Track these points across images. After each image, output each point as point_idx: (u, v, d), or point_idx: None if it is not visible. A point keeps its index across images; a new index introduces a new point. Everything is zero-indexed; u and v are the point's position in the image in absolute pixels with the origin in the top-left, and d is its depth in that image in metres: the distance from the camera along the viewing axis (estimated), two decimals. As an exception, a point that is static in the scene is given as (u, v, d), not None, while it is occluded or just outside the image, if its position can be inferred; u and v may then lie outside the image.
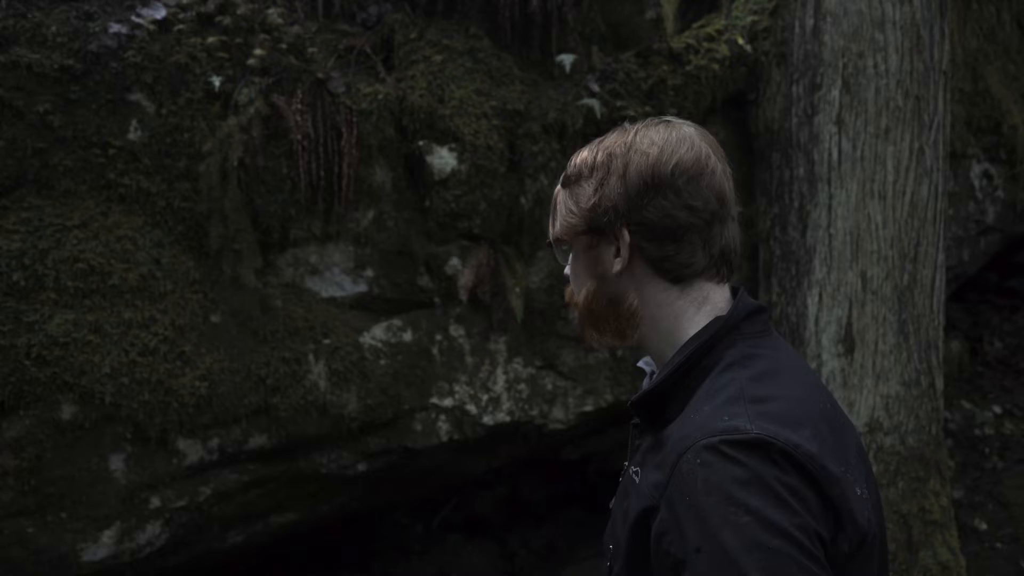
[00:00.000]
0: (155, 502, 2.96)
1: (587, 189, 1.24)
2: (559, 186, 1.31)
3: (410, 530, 5.08)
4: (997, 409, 4.54)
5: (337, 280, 3.24)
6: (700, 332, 1.18)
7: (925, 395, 3.28)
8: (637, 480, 1.16)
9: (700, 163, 1.20)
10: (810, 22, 3.34)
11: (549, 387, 3.59)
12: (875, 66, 3.21)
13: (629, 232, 1.20)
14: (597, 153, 1.26)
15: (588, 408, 3.68)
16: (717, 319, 1.20)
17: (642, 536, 1.10)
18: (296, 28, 3.14)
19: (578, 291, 1.28)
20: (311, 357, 3.12)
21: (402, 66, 3.30)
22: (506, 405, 3.46)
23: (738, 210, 1.33)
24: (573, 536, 4.87)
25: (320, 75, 3.12)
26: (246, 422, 3.02)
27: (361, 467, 3.33)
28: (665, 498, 1.06)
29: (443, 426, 3.36)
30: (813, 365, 3.28)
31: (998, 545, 3.99)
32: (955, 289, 4.93)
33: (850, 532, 1.04)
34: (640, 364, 1.43)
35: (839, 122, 3.27)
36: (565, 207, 1.27)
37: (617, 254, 1.22)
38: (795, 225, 3.38)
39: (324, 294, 3.22)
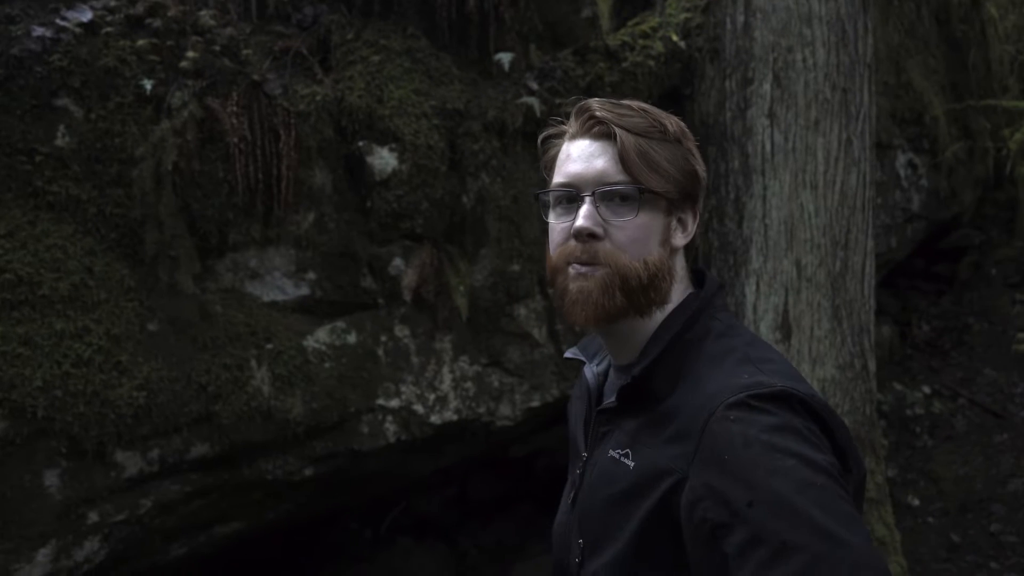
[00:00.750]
0: (93, 517, 2.87)
1: (687, 154, 1.21)
2: (639, 135, 1.17)
3: (358, 536, 5.04)
4: (927, 389, 4.72)
5: (278, 284, 3.20)
6: (682, 307, 1.21)
7: (859, 378, 3.40)
8: (629, 462, 1.14)
9: None
10: (741, 18, 3.42)
11: (495, 384, 3.60)
12: (804, 60, 3.31)
13: (699, 212, 1.24)
14: (668, 120, 1.22)
15: (535, 404, 3.70)
16: (693, 294, 1.23)
17: (663, 512, 1.07)
18: (229, 30, 3.09)
19: (639, 255, 1.16)
20: (253, 363, 3.06)
21: (339, 67, 3.27)
22: (453, 404, 3.46)
23: None
24: (523, 533, 4.89)
25: (256, 77, 3.07)
26: (187, 431, 2.96)
27: (308, 472, 3.29)
28: (695, 466, 1.05)
29: (390, 427, 3.34)
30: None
31: (930, 520, 4.14)
32: (884, 275, 5.11)
33: (854, 473, 1.08)
34: (569, 354, 1.42)
35: (771, 115, 3.35)
36: (666, 160, 1.17)
37: (680, 227, 1.22)
38: (731, 216, 3.46)
39: (265, 298, 3.17)
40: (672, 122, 1.21)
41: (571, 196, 1.21)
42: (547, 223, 1.27)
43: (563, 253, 1.21)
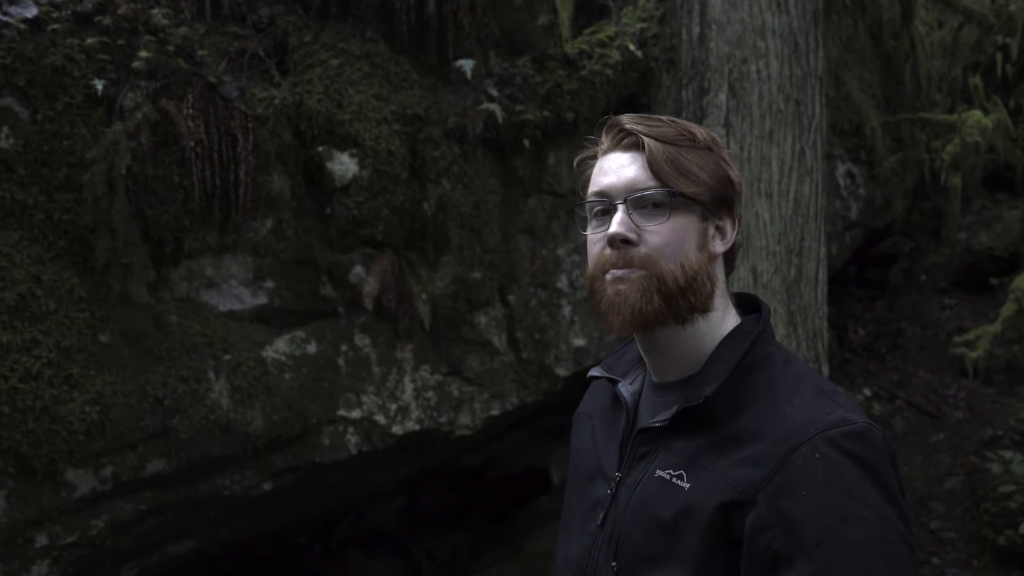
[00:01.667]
0: (42, 540, 2.73)
1: (720, 161, 1.20)
2: (667, 143, 1.17)
3: (307, 550, 4.92)
4: (867, 392, 4.88)
5: (235, 292, 3.10)
6: (743, 331, 1.20)
7: (813, 382, 3.47)
8: (683, 483, 1.12)
9: None
10: (696, 29, 3.48)
11: (456, 393, 3.56)
12: (758, 72, 3.38)
13: (737, 220, 1.22)
14: (697, 129, 1.22)
15: (495, 412, 3.68)
16: (753, 318, 1.23)
17: (722, 535, 1.06)
18: (183, 29, 2.99)
19: (676, 259, 1.16)
20: (211, 374, 2.96)
21: (297, 70, 3.20)
22: (415, 414, 3.41)
23: None
24: (477, 543, 4.86)
25: (212, 79, 2.98)
26: (143, 447, 2.84)
27: (266, 487, 3.20)
28: (768, 493, 1.04)
29: (352, 438, 3.27)
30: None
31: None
32: (824, 282, 5.25)
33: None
34: (596, 372, 1.39)
35: (727, 125, 3.41)
36: (697, 167, 1.17)
37: (717, 234, 1.21)
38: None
39: (222, 308, 3.07)
40: (701, 131, 1.22)
41: (605, 208, 1.21)
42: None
43: (599, 262, 1.20)
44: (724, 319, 1.23)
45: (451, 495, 5.17)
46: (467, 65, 3.33)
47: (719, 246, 1.21)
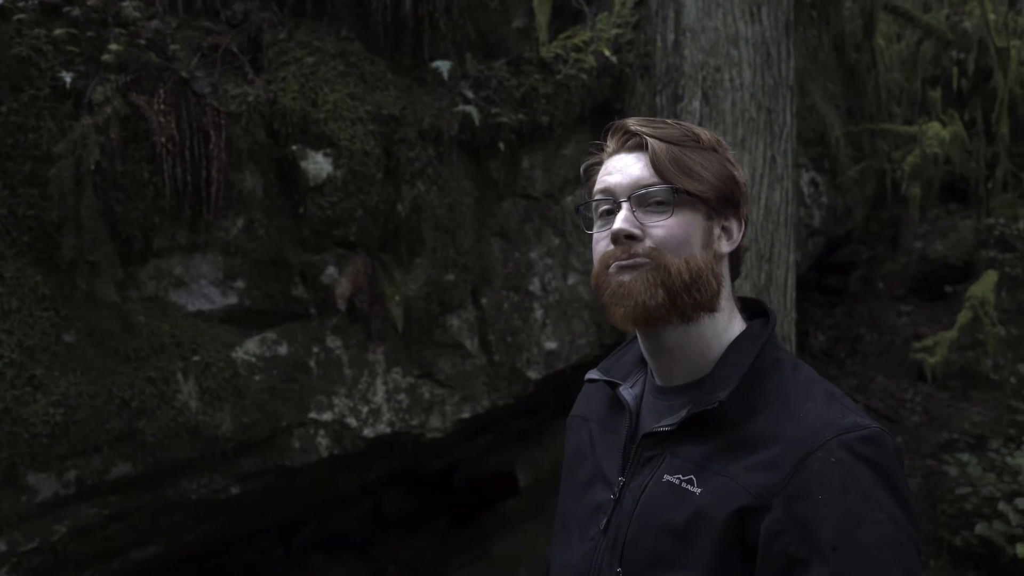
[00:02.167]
0: (1, 546, 2.63)
1: (725, 162, 1.21)
2: (671, 143, 1.19)
3: (269, 555, 4.84)
4: (828, 397, 4.95)
5: (205, 292, 3.04)
6: (752, 335, 1.20)
7: (780, 386, 3.53)
8: (694, 488, 1.12)
9: None
10: (671, 37, 3.52)
11: (427, 396, 3.54)
12: (731, 80, 3.43)
13: (744, 221, 1.23)
14: (701, 131, 1.23)
15: (465, 415, 3.66)
16: (762, 322, 1.23)
17: (736, 539, 1.06)
18: (155, 23, 2.92)
19: (681, 255, 1.16)
20: (180, 376, 2.90)
21: (272, 67, 3.15)
22: (386, 416, 3.38)
23: None
24: (442, 547, 4.83)
25: (184, 74, 2.91)
26: (108, 450, 2.76)
27: (234, 490, 3.14)
28: (783, 497, 1.04)
29: (323, 441, 3.23)
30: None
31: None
32: (787, 288, 5.34)
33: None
34: (595, 375, 1.38)
35: (700, 132, 3.45)
36: (700, 166, 1.18)
37: (723, 234, 1.21)
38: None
39: (191, 308, 3.01)
40: (706, 133, 1.24)
41: (610, 207, 1.22)
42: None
43: (604, 258, 1.21)
44: (731, 322, 1.23)
45: (415, 499, 5.13)
46: (443, 66, 3.31)
47: (725, 246, 1.22)
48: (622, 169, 1.21)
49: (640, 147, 1.21)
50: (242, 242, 3.07)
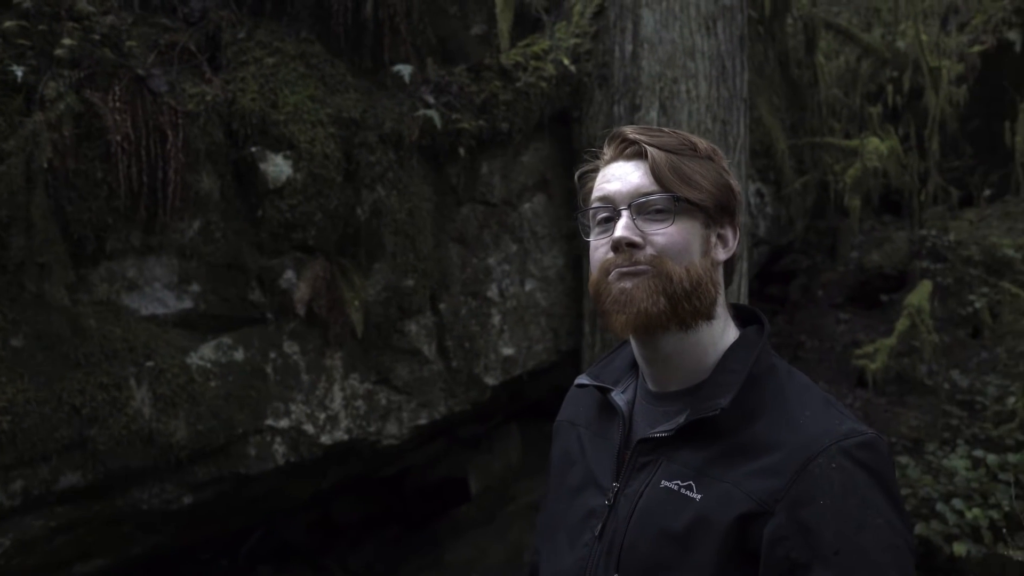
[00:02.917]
0: (-60, 561, 2.51)
1: (721, 171, 1.22)
2: (670, 152, 1.20)
3: (213, 565, 4.72)
4: (772, 402, 5.07)
5: (159, 296, 2.96)
6: (748, 342, 1.21)
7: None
8: (693, 494, 1.12)
9: None
10: (629, 47, 3.57)
11: (384, 402, 3.51)
12: (687, 91, 3.51)
13: (739, 230, 1.24)
14: (698, 140, 1.23)
15: (422, 421, 3.64)
16: (756, 328, 1.25)
17: (737, 545, 1.07)
18: (110, 18, 2.84)
19: (681, 262, 1.17)
20: (133, 382, 2.81)
21: (231, 67, 3.09)
22: (344, 423, 3.34)
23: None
24: (393, 555, 4.78)
25: (140, 71, 2.84)
26: (57, 459, 2.66)
27: (187, 500, 3.06)
28: (785, 503, 1.05)
29: (279, 448, 3.17)
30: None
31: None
32: (732, 296, 5.46)
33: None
34: (585, 381, 1.37)
35: (657, 142, 3.51)
36: (698, 175, 1.19)
37: (719, 241, 1.22)
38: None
39: (144, 311, 2.92)
40: (702, 142, 1.25)
41: (609, 214, 1.22)
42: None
43: (603, 266, 1.20)
44: (725, 329, 1.24)
45: (365, 506, 5.07)
46: (405, 70, 3.30)
47: (721, 254, 1.22)
48: (621, 177, 1.22)
49: (639, 155, 1.22)
50: (198, 245, 3.00)
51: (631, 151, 1.23)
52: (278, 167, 3.09)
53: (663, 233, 1.17)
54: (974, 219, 6.44)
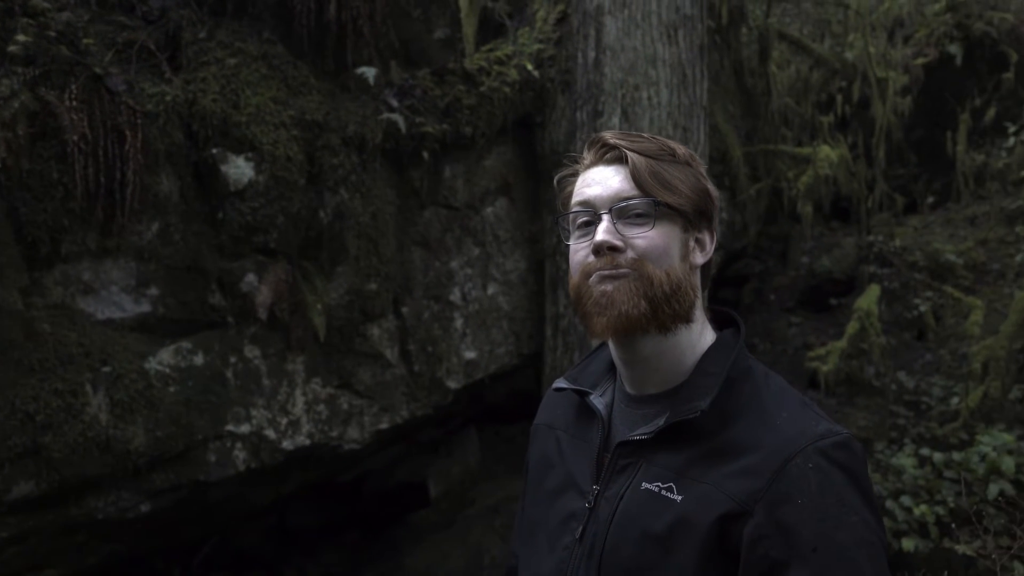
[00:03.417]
0: None
1: (699, 176, 1.24)
2: (650, 157, 1.21)
3: (167, 575, 4.62)
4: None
5: (116, 300, 2.89)
6: (725, 345, 1.23)
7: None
8: (674, 496, 1.13)
9: None
10: (592, 54, 3.61)
11: (345, 407, 3.48)
12: (649, 98, 3.56)
13: (715, 234, 1.25)
14: (676, 145, 1.24)
15: (384, 426, 3.62)
16: (732, 331, 1.26)
17: (718, 546, 1.08)
18: (66, 15, 2.77)
19: (661, 266, 1.18)
20: (89, 387, 2.74)
21: (191, 67, 3.04)
22: (306, 428, 3.30)
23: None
24: (352, 561, 4.73)
25: (97, 70, 2.77)
26: (9, 467, 2.58)
27: (144, 508, 2.99)
28: (764, 503, 1.07)
29: (240, 454, 3.12)
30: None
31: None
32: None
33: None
34: (564, 385, 1.37)
35: (619, 148, 3.55)
36: (677, 179, 1.20)
37: (697, 246, 1.23)
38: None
39: (100, 316, 2.85)
40: (681, 147, 1.27)
41: (589, 218, 1.22)
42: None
43: (584, 269, 1.21)
44: (703, 332, 1.25)
45: (322, 512, 5.02)
46: (370, 73, 3.28)
47: (699, 258, 1.24)
48: (601, 181, 1.22)
49: (619, 160, 1.23)
50: (156, 247, 2.94)
51: (611, 156, 1.24)
52: (239, 169, 3.04)
53: (644, 237, 1.18)
54: (918, 225, 6.64)
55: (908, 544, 3.83)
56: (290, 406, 3.25)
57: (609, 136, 1.26)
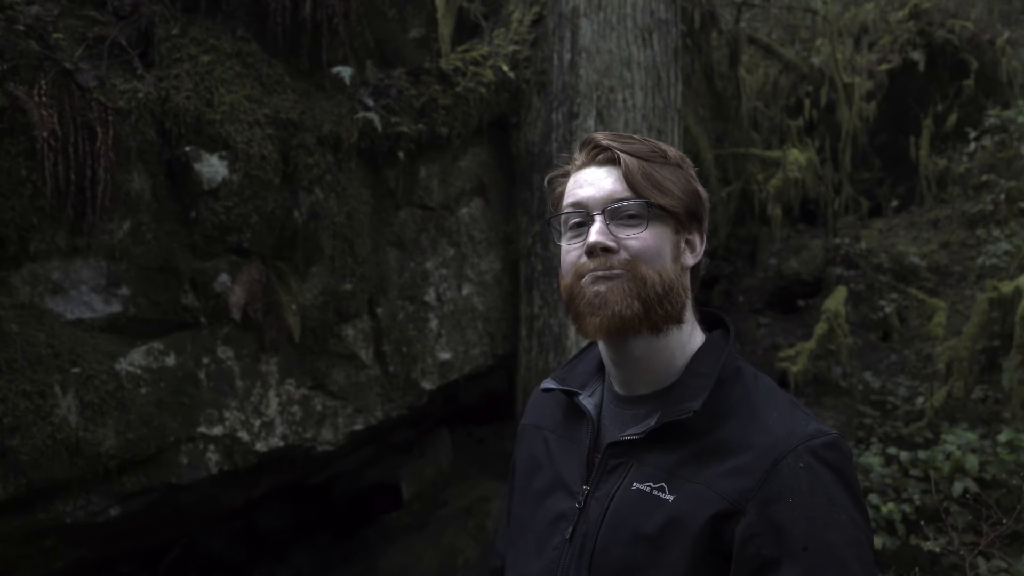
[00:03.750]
0: None
1: (689, 178, 1.24)
2: (642, 159, 1.22)
3: (132, 580, 4.54)
4: (698, 404, 5.21)
5: (85, 299, 2.84)
6: (715, 346, 1.24)
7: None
8: (666, 496, 1.14)
9: None
10: (567, 56, 3.62)
11: (319, 408, 3.45)
12: (624, 101, 3.58)
13: (705, 236, 1.25)
14: (668, 148, 1.25)
15: (358, 427, 3.60)
16: (722, 332, 1.27)
17: (709, 544, 1.09)
18: (35, 8, 2.71)
19: (654, 267, 1.19)
20: (58, 389, 2.69)
21: (164, 64, 2.99)
22: (280, 429, 3.27)
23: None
24: (323, 564, 4.70)
25: (68, 65, 2.72)
26: (-25, 471, 2.52)
27: (114, 511, 2.94)
28: (756, 502, 1.08)
29: (212, 457, 3.08)
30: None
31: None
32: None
33: None
34: (552, 386, 1.36)
35: (594, 149, 3.57)
36: (668, 181, 1.21)
37: (688, 247, 1.23)
38: (556, 243, 3.63)
39: (69, 316, 2.80)
40: (672, 149, 1.27)
41: (582, 219, 1.23)
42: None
43: (577, 270, 1.21)
44: (693, 333, 1.25)
45: (292, 515, 4.97)
46: (345, 72, 3.26)
47: (690, 259, 1.24)
48: (594, 183, 1.23)
49: (611, 161, 1.23)
50: (128, 247, 2.89)
51: (603, 157, 1.24)
52: (213, 168, 3.00)
53: (637, 238, 1.19)
54: (883, 228, 6.76)
55: (876, 541, 3.90)
56: (264, 407, 3.22)
57: (601, 137, 1.26)
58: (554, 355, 3.65)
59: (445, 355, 3.79)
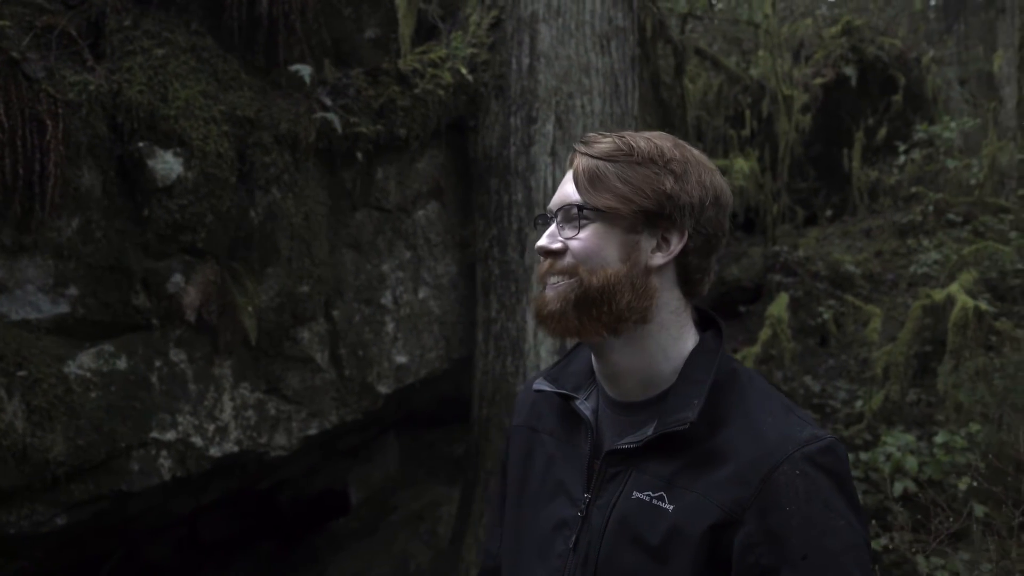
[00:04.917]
0: None
1: (659, 175, 1.18)
2: (598, 159, 1.19)
3: (66, 593, 4.35)
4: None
5: (32, 299, 2.72)
6: (708, 348, 1.21)
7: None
8: (665, 505, 1.13)
9: (728, 193, 1.26)
10: (526, 61, 3.64)
11: (273, 412, 3.38)
12: (582, 106, 3.61)
13: (688, 235, 1.19)
14: (665, 146, 1.21)
15: (312, 432, 3.54)
16: (712, 334, 1.25)
17: (710, 554, 1.09)
18: (-19, -6, 2.59)
19: (594, 268, 1.17)
20: (3, 393, 2.56)
21: (116, 56, 2.89)
22: (234, 434, 3.19)
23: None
24: (269, 572, 4.59)
25: (14, 54, 2.61)
26: (-87, 480, 2.39)
27: (60, 520, 2.81)
28: (753, 511, 1.08)
29: (165, 463, 2.98)
30: (534, 375, 3.54)
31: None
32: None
33: None
34: (543, 387, 1.34)
35: (553, 153, 3.60)
36: (620, 180, 1.17)
37: (658, 248, 1.19)
38: (514, 246, 3.64)
39: (14, 316, 2.68)
40: (647, 146, 1.21)
41: (545, 223, 1.26)
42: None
43: (537, 274, 1.25)
44: (680, 336, 1.22)
45: (235, 522, 4.84)
46: (304, 71, 3.21)
47: (658, 258, 1.19)
48: (562, 186, 1.25)
49: (573, 163, 1.25)
50: (76, 245, 2.78)
51: (572, 159, 1.25)
52: (167, 164, 2.92)
53: (575, 239, 1.19)
54: (819, 237, 6.99)
55: (820, 539, 4.00)
56: (218, 412, 3.13)
57: (581, 138, 1.26)
58: (511, 359, 3.66)
59: (401, 359, 3.75)
